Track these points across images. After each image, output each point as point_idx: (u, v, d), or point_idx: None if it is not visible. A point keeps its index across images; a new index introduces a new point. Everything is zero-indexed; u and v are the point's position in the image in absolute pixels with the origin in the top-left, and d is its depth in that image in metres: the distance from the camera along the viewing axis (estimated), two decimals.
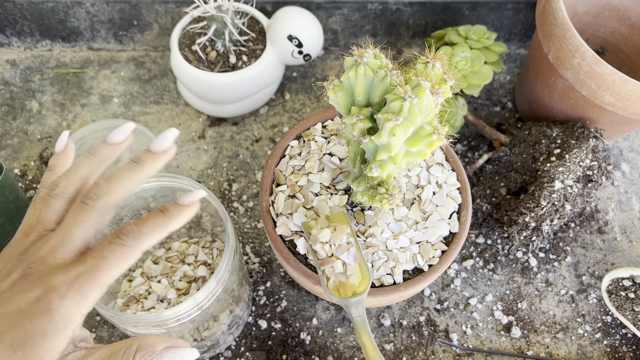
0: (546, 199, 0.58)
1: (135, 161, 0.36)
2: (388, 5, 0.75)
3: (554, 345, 0.59)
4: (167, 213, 0.36)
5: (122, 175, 0.36)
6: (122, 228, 0.34)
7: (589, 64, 0.55)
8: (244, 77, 0.65)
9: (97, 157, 0.38)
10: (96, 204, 0.35)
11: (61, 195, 0.36)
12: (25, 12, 0.74)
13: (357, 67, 0.38)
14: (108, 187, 0.35)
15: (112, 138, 0.38)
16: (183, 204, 0.36)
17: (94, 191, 0.35)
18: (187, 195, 0.37)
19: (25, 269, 0.34)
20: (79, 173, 0.37)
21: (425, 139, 0.37)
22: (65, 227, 0.34)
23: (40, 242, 0.35)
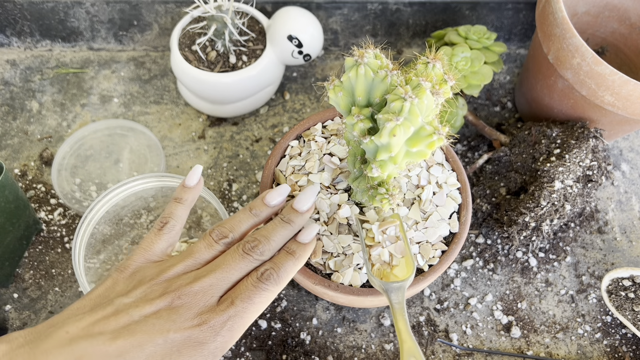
0: (546, 199, 0.58)
1: (286, 221, 0.42)
2: (388, 5, 0.75)
3: (554, 345, 0.59)
4: (296, 256, 0.41)
5: (277, 233, 0.41)
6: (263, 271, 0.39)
7: (588, 64, 0.55)
8: (244, 77, 0.65)
9: (258, 216, 0.43)
10: (256, 257, 0.40)
11: (224, 244, 0.41)
12: (25, 12, 0.74)
13: (358, 67, 0.38)
14: (268, 245, 0.41)
15: (271, 200, 0.44)
16: (306, 243, 0.42)
17: (258, 247, 0.40)
18: (306, 233, 0.42)
19: (174, 299, 0.37)
20: (242, 228, 0.42)
21: (426, 139, 0.37)
22: (225, 270, 0.39)
23: (189, 275, 0.38)
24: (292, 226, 0.42)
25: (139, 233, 0.60)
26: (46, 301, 0.60)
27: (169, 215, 0.42)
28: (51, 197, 0.66)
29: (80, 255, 0.49)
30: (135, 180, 0.52)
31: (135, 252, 0.41)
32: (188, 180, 0.44)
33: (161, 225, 0.42)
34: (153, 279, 0.38)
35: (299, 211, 0.43)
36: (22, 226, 0.60)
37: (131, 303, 0.36)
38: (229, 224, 0.42)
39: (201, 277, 0.38)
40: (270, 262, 0.40)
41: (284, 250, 0.41)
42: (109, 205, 0.52)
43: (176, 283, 0.37)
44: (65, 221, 0.65)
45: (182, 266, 0.39)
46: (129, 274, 0.39)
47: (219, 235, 0.41)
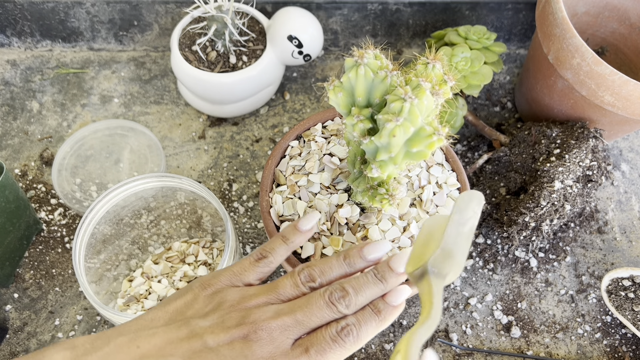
0: (546, 199, 0.58)
1: (380, 279, 0.39)
2: (388, 5, 0.75)
3: (554, 345, 0.59)
4: (381, 317, 0.38)
5: (368, 289, 0.39)
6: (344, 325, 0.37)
7: (588, 64, 0.55)
8: (244, 78, 0.65)
9: (351, 267, 0.41)
10: (341, 308, 0.37)
11: (311, 288, 0.39)
12: (25, 13, 0.74)
13: (358, 67, 0.38)
14: (355, 299, 0.38)
15: (368, 255, 0.41)
16: (395, 305, 0.39)
17: (345, 299, 0.38)
18: (397, 295, 0.39)
19: (251, 332, 0.36)
20: (332, 275, 0.40)
21: (426, 140, 0.37)
22: (306, 314, 0.37)
23: (268, 309, 0.37)
24: (384, 285, 0.39)
25: (139, 233, 0.60)
26: (46, 301, 0.60)
27: (271, 250, 0.41)
28: (51, 197, 0.66)
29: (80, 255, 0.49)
30: (136, 181, 0.52)
31: (224, 272, 0.40)
32: (302, 224, 0.43)
33: (259, 257, 0.40)
34: (233, 305, 0.37)
35: (395, 271, 0.40)
36: (22, 226, 0.60)
37: (207, 327, 0.36)
38: (319, 267, 0.40)
39: (281, 315, 0.37)
40: (354, 318, 0.38)
41: (370, 308, 0.38)
42: (109, 205, 0.52)
43: (255, 314, 0.36)
44: (66, 221, 0.65)
45: (264, 298, 0.38)
46: (211, 292, 0.38)
47: (307, 278, 0.39)
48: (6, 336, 0.58)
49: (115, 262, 0.58)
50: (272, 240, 0.42)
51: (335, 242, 0.48)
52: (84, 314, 0.60)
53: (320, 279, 0.39)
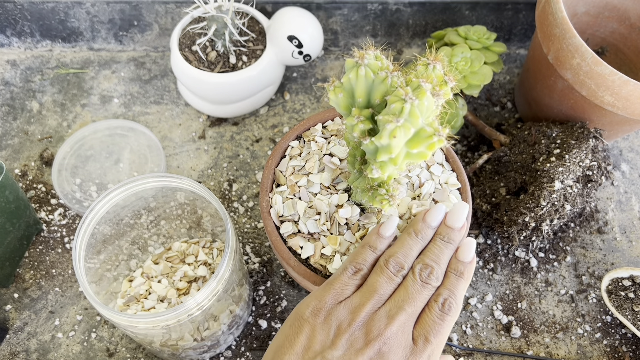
0: (546, 199, 0.58)
1: (447, 241, 0.42)
2: (388, 5, 0.75)
3: (554, 345, 0.59)
4: (465, 277, 0.41)
5: (444, 255, 0.42)
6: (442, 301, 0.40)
7: (588, 64, 0.55)
8: (244, 78, 0.65)
9: (424, 239, 0.43)
10: (433, 284, 0.41)
11: (402, 276, 0.41)
12: (25, 13, 0.74)
13: (358, 68, 0.38)
14: (439, 269, 0.41)
15: (432, 221, 0.43)
16: (470, 261, 0.42)
17: (433, 274, 0.41)
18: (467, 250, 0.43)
19: (381, 345, 0.38)
20: (414, 254, 0.42)
21: (426, 141, 0.37)
22: (412, 304, 0.39)
23: (380, 315, 0.39)
24: (453, 245, 0.42)
25: (139, 233, 0.60)
26: (46, 301, 0.60)
27: (364, 262, 0.42)
28: (51, 197, 0.66)
29: (80, 255, 0.49)
30: (136, 181, 0.52)
31: (327, 293, 0.41)
32: (384, 230, 0.44)
33: (355, 270, 0.42)
34: (350, 325, 0.39)
35: (455, 228, 0.43)
36: (22, 226, 0.60)
37: (342, 356, 0.37)
38: (401, 252, 0.42)
39: (395, 316, 0.39)
40: (445, 289, 0.40)
41: (452, 274, 0.41)
42: (109, 206, 0.51)
43: (375, 327, 0.38)
44: (66, 221, 0.65)
45: (370, 305, 0.39)
46: (323, 318, 0.40)
47: (396, 266, 0.41)
48: (6, 336, 0.58)
49: (115, 262, 0.58)
50: (361, 251, 0.43)
51: (333, 240, 0.48)
52: (84, 314, 0.60)
53: (407, 263, 0.41)
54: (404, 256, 0.41)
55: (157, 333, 0.48)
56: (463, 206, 0.44)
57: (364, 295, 0.40)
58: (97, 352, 0.58)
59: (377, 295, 0.40)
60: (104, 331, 0.59)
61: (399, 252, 0.42)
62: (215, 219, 0.60)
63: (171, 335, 0.49)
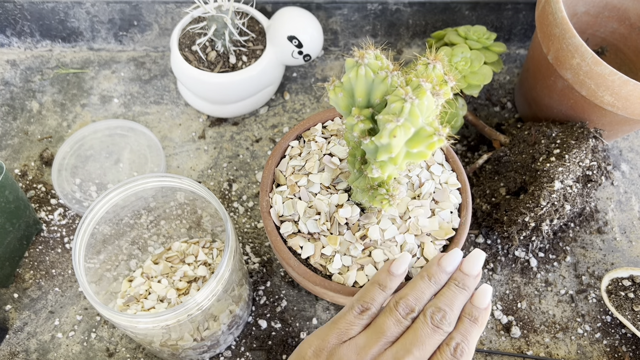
0: (546, 199, 0.58)
1: (462, 287, 0.42)
2: (388, 5, 0.75)
3: (554, 345, 0.59)
4: (479, 323, 0.41)
5: (457, 300, 0.41)
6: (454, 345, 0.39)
7: (588, 64, 0.55)
8: (244, 78, 0.65)
9: (438, 284, 0.43)
10: (445, 329, 0.40)
11: (412, 319, 0.40)
12: (25, 13, 0.74)
13: (358, 68, 0.38)
14: (452, 314, 0.40)
15: (447, 266, 0.43)
16: (485, 307, 0.42)
17: (445, 319, 0.40)
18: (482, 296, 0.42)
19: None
20: (425, 298, 0.42)
21: (426, 140, 0.37)
22: (420, 349, 0.39)
23: (385, 357, 0.38)
24: (468, 292, 0.42)
25: (139, 233, 0.60)
26: (46, 301, 0.60)
27: (371, 301, 0.42)
28: (51, 197, 0.66)
29: (80, 255, 0.49)
30: (136, 181, 0.52)
31: (331, 332, 0.40)
32: (395, 268, 0.43)
33: (362, 309, 0.41)
34: None
35: (470, 275, 0.43)
36: (22, 226, 0.60)
37: None
38: (412, 295, 0.41)
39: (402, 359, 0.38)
40: (458, 334, 0.40)
41: (466, 318, 0.41)
42: (109, 206, 0.51)
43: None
44: (66, 221, 0.65)
45: (377, 348, 0.39)
46: (325, 359, 0.39)
47: (406, 309, 0.40)
48: (6, 336, 0.58)
49: (115, 262, 0.58)
50: (369, 289, 0.42)
51: (333, 240, 0.48)
52: (83, 314, 0.60)
53: (418, 306, 0.41)
54: (416, 299, 0.41)
55: (156, 333, 0.48)
56: (480, 254, 0.43)
57: (371, 337, 0.39)
58: (97, 352, 0.58)
59: (384, 337, 0.39)
60: (104, 331, 0.59)
61: (410, 295, 0.41)
62: (215, 219, 0.60)
63: (171, 335, 0.49)
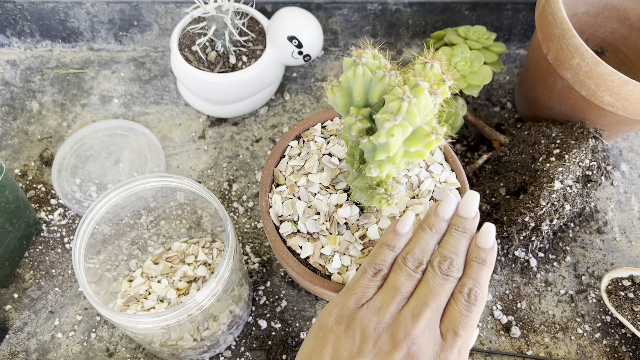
0: (545, 199, 0.58)
1: (463, 231, 0.42)
2: (388, 5, 0.75)
3: (554, 345, 0.59)
4: (487, 264, 0.41)
5: (461, 245, 0.41)
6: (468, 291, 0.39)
7: (588, 65, 0.55)
8: (244, 78, 0.65)
9: (439, 232, 0.43)
10: (455, 275, 0.40)
11: (422, 271, 0.41)
12: (25, 13, 0.74)
13: (356, 67, 0.38)
14: (459, 260, 0.41)
15: (445, 214, 0.43)
16: (490, 247, 0.42)
17: (453, 265, 0.40)
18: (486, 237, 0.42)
19: (410, 346, 0.37)
20: (431, 249, 0.42)
21: (424, 139, 0.37)
22: (436, 299, 0.39)
23: (405, 314, 0.38)
24: (469, 234, 0.42)
25: (138, 233, 0.60)
26: (46, 301, 0.60)
27: (383, 262, 0.42)
28: (51, 197, 0.66)
29: (80, 255, 0.49)
30: (136, 181, 0.52)
31: (349, 297, 0.40)
32: (400, 227, 0.43)
33: (375, 271, 0.41)
34: (376, 328, 0.38)
35: (468, 218, 0.43)
36: (22, 226, 0.60)
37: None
38: (418, 247, 0.41)
39: (420, 314, 0.38)
40: (469, 279, 0.40)
41: (474, 262, 0.41)
42: (109, 206, 0.51)
43: (401, 327, 0.38)
44: (65, 221, 0.65)
45: (394, 305, 0.39)
46: (347, 324, 0.39)
47: (414, 262, 0.40)
48: (6, 336, 0.58)
49: (115, 262, 0.58)
50: (378, 252, 0.42)
51: (332, 240, 0.48)
52: (83, 314, 0.60)
53: (425, 258, 0.41)
54: (422, 251, 0.41)
55: (156, 333, 0.48)
56: (474, 195, 0.43)
57: (386, 296, 0.39)
58: (97, 352, 0.58)
59: (399, 294, 0.39)
60: (104, 331, 0.59)
61: (415, 248, 0.41)
62: (215, 219, 0.60)
63: (171, 335, 0.49)
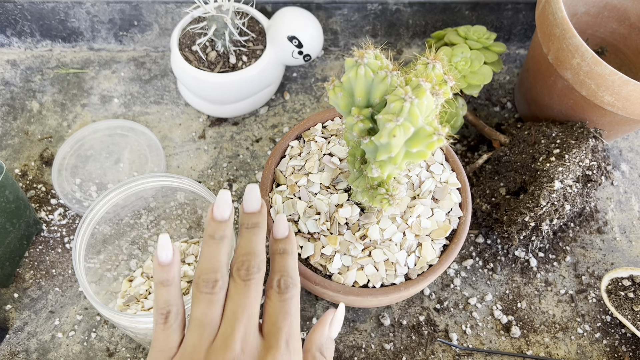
0: (546, 199, 0.58)
1: (252, 226, 0.38)
2: (388, 5, 0.75)
3: (554, 345, 0.59)
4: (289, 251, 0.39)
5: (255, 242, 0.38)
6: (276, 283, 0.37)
7: (588, 64, 0.55)
8: (244, 78, 0.65)
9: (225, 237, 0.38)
10: (257, 276, 0.37)
11: (222, 289, 0.36)
12: (25, 13, 0.74)
13: (358, 67, 0.38)
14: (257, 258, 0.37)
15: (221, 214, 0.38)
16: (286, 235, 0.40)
17: (252, 266, 0.36)
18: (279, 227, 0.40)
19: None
20: (224, 260, 0.37)
21: (426, 140, 0.37)
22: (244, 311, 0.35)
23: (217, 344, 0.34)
24: (261, 228, 0.39)
25: (139, 233, 0.60)
26: (46, 301, 0.60)
27: (165, 303, 0.36)
28: (51, 197, 0.66)
29: (80, 255, 0.49)
30: (136, 181, 0.52)
31: (154, 356, 0.35)
32: (161, 257, 0.37)
33: (164, 317, 0.36)
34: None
35: (254, 212, 0.39)
36: (22, 226, 0.60)
37: None
38: (207, 265, 0.36)
39: (231, 336, 0.34)
40: (275, 273, 0.37)
41: (276, 254, 0.39)
42: (109, 206, 0.52)
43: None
44: (66, 221, 0.65)
45: (204, 342, 0.35)
46: None
47: (209, 284, 0.36)
48: (6, 336, 0.58)
49: (115, 262, 0.58)
50: (156, 295, 0.37)
51: (332, 240, 0.48)
52: (84, 313, 0.60)
53: (220, 272, 0.36)
54: (212, 267, 0.36)
55: None
56: (252, 187, 0.39)
57: (192, 336, 0.35)
58: (97, 352, 0.58)
59: (206, 327, 0.35)
60: (104, 331, 0.59)
61: (204, 268, 0.36)
62: None
63: None
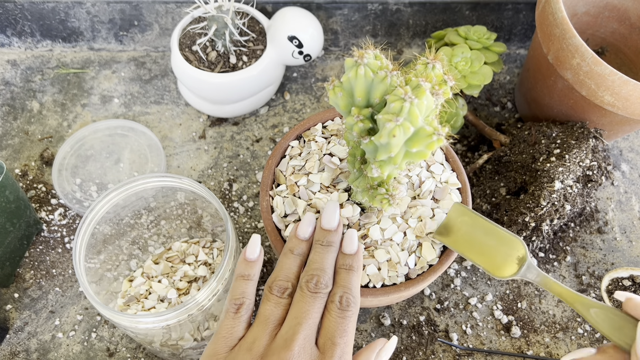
0: (546, 199, 0.58)
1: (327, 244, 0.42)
2: (388, 5, 0.75)
3: (554, 345, 0.59)
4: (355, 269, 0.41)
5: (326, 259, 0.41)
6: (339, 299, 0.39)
7: (588, 64, 0.55)
8: (244, 78, 0.65)
9: (302, 254, 0.43)
10: (323, 291, 0.40)
11: (289, 296, 0.40)
12: (25, 13, 0.74)
13: (358, 67, 0.38)
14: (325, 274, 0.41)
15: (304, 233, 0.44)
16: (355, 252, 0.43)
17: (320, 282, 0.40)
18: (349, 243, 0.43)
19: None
20: (295, 272, 0.42)
21: (426, 140, 0.37)
22: (307, 319, 0.38)
23: (278, 343, 0.37)
24: (334, 247, 0.42)
25: (139, 233, 0.60)
26: (47, 301, 0.60)
27: (241, 295, 0.41)
28: (52, 197, 0.66)
29: (80, 255, 0.49)
30: (136, 181, 0.52)
31: (217, 342, 0.39)
32: (249, 253, 0.43)
33: (236, 307, 0.40)
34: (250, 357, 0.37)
35: (330, 230, 0.43)
36: (22, 226, 0.60)
37: None
38: (282, 274, 0.41)
39: (292, 337, 0.37)
40: (339, 288, 0.40)
41: (342, 270, 0.41)
42: (110, 205, 0.52)
43: (274, 356, 0.37)
44: (66, 221, 0.65)
45: (266, 337, 0.38)
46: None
47: (280, 290, 0.40)
48: (6, 336, 0.58)
49: (115, 262, 0.58)
50: (235, 286, 0.42)
51: None
52: (84, 313, 0.60)
53: (290, 282, 0.41)
54: (286, 277, 0.41)
55: (157, 333, 0.48)
56: (334, 206, 0.43)
57: (257, 330, 0.39)
58: (97, 352, 0.58)
59: (269, 324, 0.39)
60: (104, 331, 0.59)
61: (279, 276, 0.41)
62: (216, 218, 0.60)
63: (171, 335, 0.49)
